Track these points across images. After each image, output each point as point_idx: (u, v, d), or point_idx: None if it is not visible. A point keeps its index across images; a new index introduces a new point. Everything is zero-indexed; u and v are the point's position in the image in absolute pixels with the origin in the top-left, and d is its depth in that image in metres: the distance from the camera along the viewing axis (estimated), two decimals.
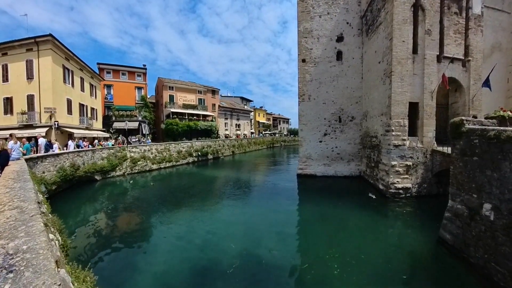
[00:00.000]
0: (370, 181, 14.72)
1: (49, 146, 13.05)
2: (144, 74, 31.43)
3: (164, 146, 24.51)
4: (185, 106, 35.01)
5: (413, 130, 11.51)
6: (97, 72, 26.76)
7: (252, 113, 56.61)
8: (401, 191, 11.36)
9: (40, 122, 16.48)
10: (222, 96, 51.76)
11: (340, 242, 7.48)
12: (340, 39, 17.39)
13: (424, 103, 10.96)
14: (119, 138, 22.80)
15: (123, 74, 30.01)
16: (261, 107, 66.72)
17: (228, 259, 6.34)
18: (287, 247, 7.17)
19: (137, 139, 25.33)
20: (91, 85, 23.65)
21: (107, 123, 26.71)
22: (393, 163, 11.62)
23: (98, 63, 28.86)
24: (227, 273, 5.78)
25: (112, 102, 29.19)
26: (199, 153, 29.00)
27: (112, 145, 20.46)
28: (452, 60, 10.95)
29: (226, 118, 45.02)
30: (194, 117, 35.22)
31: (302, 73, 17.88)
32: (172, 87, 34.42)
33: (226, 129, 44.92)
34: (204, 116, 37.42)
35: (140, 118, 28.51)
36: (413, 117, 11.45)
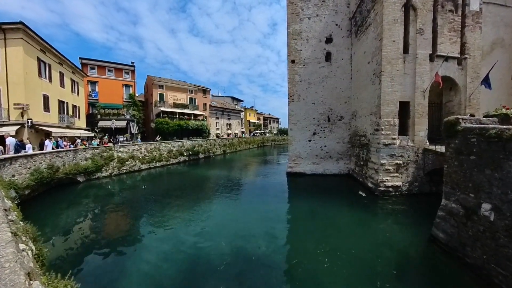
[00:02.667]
0: (359, 179, 14.51)
1: (20, 146, 11.36)
2: (133, 71, 29.08)
3: (154, 146, 23.01)
4: (176, 105, 33.39)
5: (404, 129, 11.27)
6: (80, 67, 24.06)
7: (243, 113, 55.63)
8: (390, 189, 11.12)
9: (9, 120, 14.05)
10: (213, 95, 50.29)
11: (329, 239, 7.37)
12: (329, 40, 17.13)
13: (416, 102, 10.71)
14: (105, 137, 20.87)
15: (109, 70, 27.41)
16: (252, 107, 65.90)
17: (219, 257, 6.23)
18: (276, 243, 7.08)
19: (125, 139, 23.50)
20: (73, 81, 21.13)
21: (91, 121, 24.45)
22: (383, 161, 11.36)
23: (80, 58, 26.00)
24: (218, 270, 5.70)
25: (97, 99, 26.61)
26: (190, 152, 27.73)
27: (97, 144, 18.67)
28: (447, 58, 10.62)
29: (217, 118, 43.77)
30: (185, 116, 33.68)
31: (292, 74, 17.60)
32: (162, 86, 32.59)
33: (217, 129, 43.70)
34: (195, 115, 36.00)
35: (128, 117, 26.40)
36: (404, 116, 11.20)
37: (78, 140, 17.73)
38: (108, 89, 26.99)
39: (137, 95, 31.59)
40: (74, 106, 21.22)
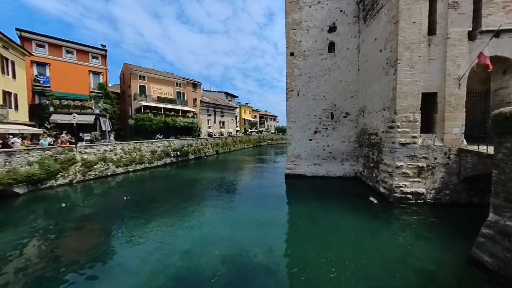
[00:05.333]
0: (368, 183, 13.27)
1: None
2: (104, 56, 24.60)
3: (133, 146, 20.75)
4: (161, 100, 30.81)
5: (428, 125, 9.95)
6: (18, 42, 18.76)
7: (237, 110, 53.81)
8: (409, 196, 9.83)
9: None
10: (204, 90, 48.29)
11: (334, 247, 6.94)
12: (332, 29, 15.96)
13: (447, 92, 9.34)
14: (64, 135, 17.98)
15: (68, 52, 22.32)
16: (247, 103, 63.96)
17: (213, 267, 5.93)
18: (274, 251, 6.77)
19: (93, 137, 20.67)
20: (5, 59, 16.39)
21: (39, 115, 19.99)
22: (399, 163, 10.06)
23: (19, 30, 19.72)
24: (211, 282, 5.40)
25: (49, 87, 21.21)
26: (178, 153, 25.83)
27: (51, 144, 15.72)
28: (498, 33, 8.72)
29: (209, 115, 41.81)
30: (172, 113, 31.29)
31: (291, 67, 16.63)
32: (144, 77, 29.68)
33: (209, 127, 41.79)
34: (184, 111, 33.78)
35: (98, 111, 22.87)
36: (428, 110, 9.87)
37: (15, 139, 14.30)
38: (66, 75, 22.39)
39: (110, 85, 28.35)
40: (6, 93, 16.39)
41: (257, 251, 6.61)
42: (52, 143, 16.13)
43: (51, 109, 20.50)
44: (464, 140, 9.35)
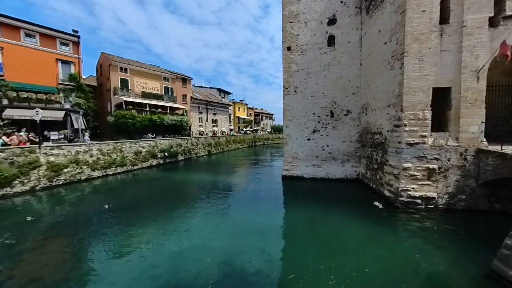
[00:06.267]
0: (371, 186, 12.73)
1: None
2: (76, 43, 21.70)
3: (113, 146, 19.10)
4: (146, 95, 28.88)
5: (440, 124, 9.34)
6: None
7: (231, 107, 52.55)
8: (418, 200, 9.23)
9: None
10: (195, 86, 46.71)
11: (334, 254, 6.70)
12: (332, 21, 15.39)
13: (463, 87, 8.69)
14: (22, 133, 15.60)
15: (29, 35, 19.21)
16: (242, 100, 62.71)
17: (205, 275, 5.72)
18: (270, 257, 6.60)
19: (62, 136, 18.61)
20: None
21: None
22: (406, 165, 9.47)
23: None
24: None
25: (2, 75, 18.03)
26: (166, 154, 24.49)
27: (5, 144, 13.73)
28: None
29: (200, 112, 40.40)
30: (159, 110, 29.65)
31: (288, 63, 16.06)
32: (126, 69, 27.48)
33: (201, 125, 40.44)
34: (173, 109, 32.12)
35: (68, 106, 20.29)
36: (441, 107, 9.24)
37: None
38: (26, 63, 19.26)
39: (84, 77, 25.73)
40: None
41: (252, 257, 6.46)
42: (8, 142, 14.03)
43: (5, 102, 17.54)
44: (484, 140, 8.76)
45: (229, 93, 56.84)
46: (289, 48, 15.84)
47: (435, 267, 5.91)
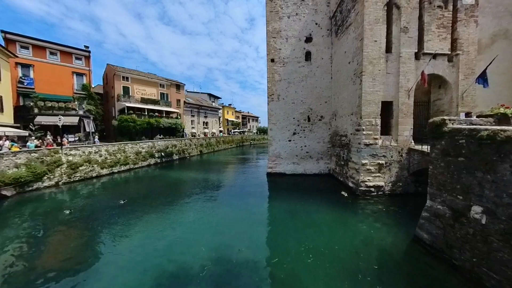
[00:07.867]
0: (340, 179, 14.53)
1: None
2: (87, 57, 24.15)
3: (117, 147, 19.97)
4: (144, 101, 29.78)
5: (387, 129, 11.37)
6: (3, 44, 18.54)
7: (220, 111, 53.50)
8: (372, 189, 11.16)
9: None
10: (188, 91, 47.23)
11: (311, 237, 7.48)
12: (308, 39, 17.01)
13: (400, 101, 10.82)
14: (49, 137, 17.09)
15: (52, 53, 21.84)
16: (230, 104, 63.69)
17: (200, 262, 6.17)
18: (257, 245, 7.17)
19: (77, 138, 19.68)
20: None
21: (23, 116, 19.33)
22: (364, 161, 11.35)
23: (4, 32, 19.27)
24: (200, 275, 5.67)
25: (33, 88, 20.70)
26: (163, 154, 25.24)
27: (37, 146, 15.20)
28: (435, 56, 10.44)
29: (192, 116, 41.08)
30: (156, 114, 30.40)
31: (271, 73, 17.29)
32: (127, 78, 28.61)
33: (193, 127, 41.09)
34: (168, 112, 32.89)
35: (81, 112, 22.05)
36: (387, 116, 11.29)
37: (7, 142, 13.99)
38: (50, 77, 21.59)
39: (93, 86, 26.87)
40: None
41: (240, 246, 6.89)
42: (39, 145, 15.46)
43: (36, 110, 19.75)
44: (413, 141, 10.93)
45: (219, 97, 57.68)
46: (272, 60, 17.07)
47: (381, 238, 7.37)
